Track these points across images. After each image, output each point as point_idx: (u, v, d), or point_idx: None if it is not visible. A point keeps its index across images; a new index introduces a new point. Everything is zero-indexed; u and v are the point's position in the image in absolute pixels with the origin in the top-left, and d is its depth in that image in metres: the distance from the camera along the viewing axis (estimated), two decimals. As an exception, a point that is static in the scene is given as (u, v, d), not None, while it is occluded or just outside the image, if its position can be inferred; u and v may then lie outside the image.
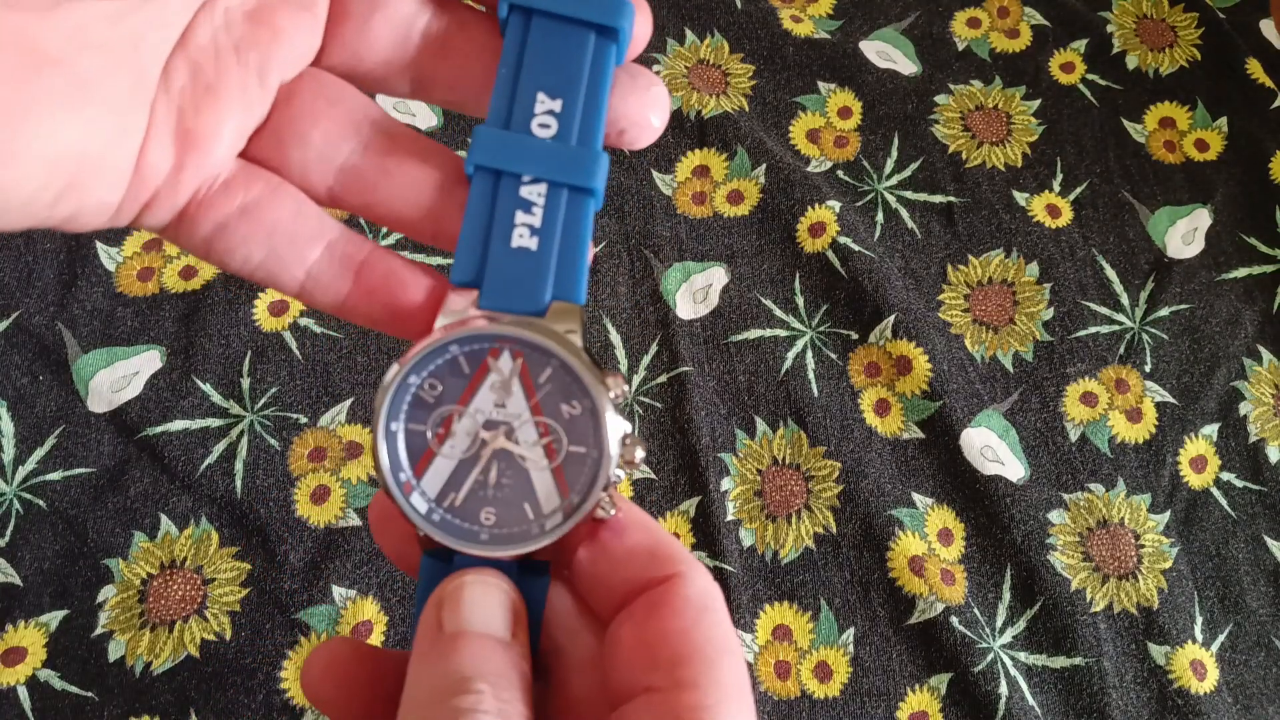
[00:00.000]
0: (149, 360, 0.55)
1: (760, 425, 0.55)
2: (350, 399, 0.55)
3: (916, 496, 0.54)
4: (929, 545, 0.52)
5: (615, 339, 0.57)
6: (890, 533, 0.52)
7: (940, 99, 0.66)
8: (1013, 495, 0.54)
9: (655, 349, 0.57)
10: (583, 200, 0.22)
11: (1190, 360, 0.58)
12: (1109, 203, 0.63)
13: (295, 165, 0.22)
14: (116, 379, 0.54)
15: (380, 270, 0.22)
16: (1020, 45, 0.68)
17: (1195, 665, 0.51)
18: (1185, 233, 0.62)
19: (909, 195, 0.62)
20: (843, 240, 0.59)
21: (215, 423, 0.53)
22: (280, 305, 0.57)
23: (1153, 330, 0.59)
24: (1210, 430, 0.57)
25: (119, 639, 0.49)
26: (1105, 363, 0.58)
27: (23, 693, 0.47)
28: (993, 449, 0.55)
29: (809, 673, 0.50)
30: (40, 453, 0.52)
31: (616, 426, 0.21)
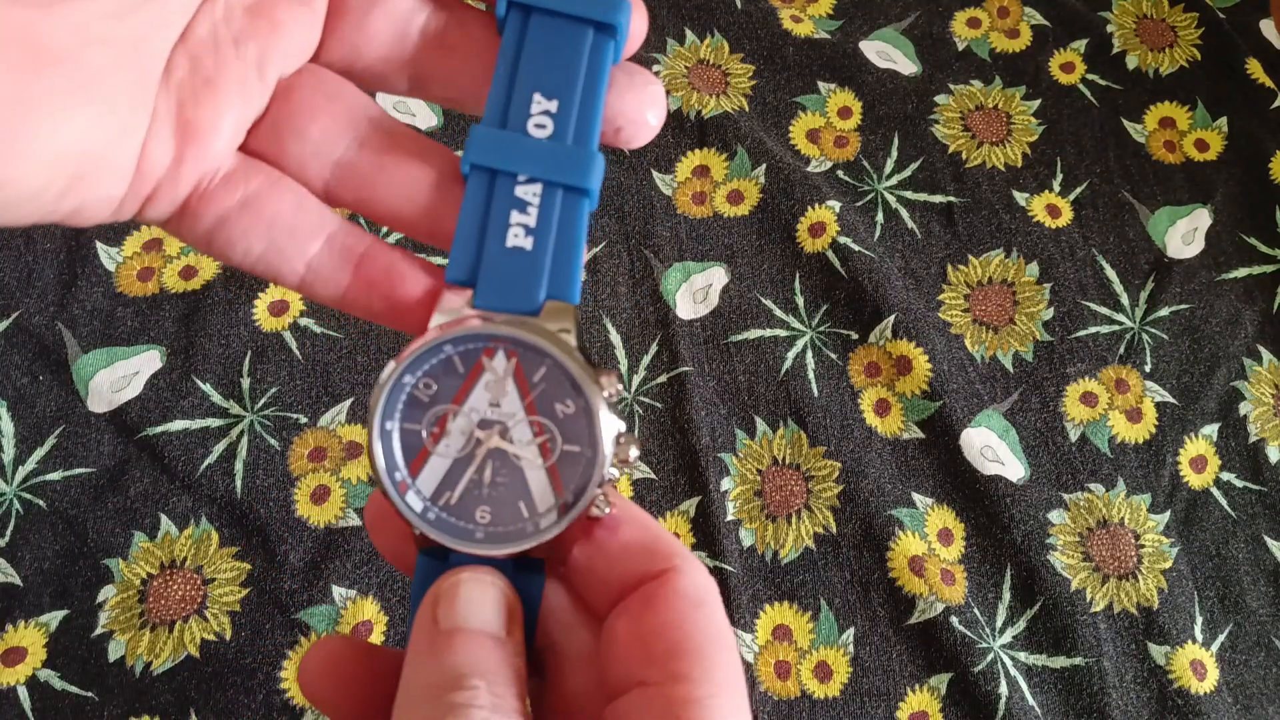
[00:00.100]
0: (149, 360, 0.55)
1: (760, 425, 0.55)
2: (350, 399, 0.55)
3: (916, 496, 0.54)
4: (929, 545, 0.52)
5: (615, 339, 0.57)
6: (890, 533, 0.52)
7: (940, 99, 0.66)
8: (1013, 495, 0.54)
9: (655, 349, 0.57)
10: (578, 200, 0.22)
11: (1190, 360, 0.58)
12: (1109, 203, 0.63)
13: (292, 160, 0.22)
14: (116, 379, 0.54)
15: (381, 263, 0.23)
16: (1020, 45, 0.68)
17: (1195, 665, 0.51)
18: (1185, 233, 0.62)
19: (909, 195, 0.62)
20: (843, 240, 0.59)
21: (215, 423, 0.53)
22: (280, 305, 0.57)
23: (1153, 330, 0.59)
24: (1210, 430, 0.57)
25: (119, 639, 0.49)
26: (1105, 363, 0.58)
27: (23, 693, 0.47)
28: (993, 449, 0.55)
29: (809, 673, 0.50)
30: (40, 453, 0.52)
31: (610, 425, 0.21)
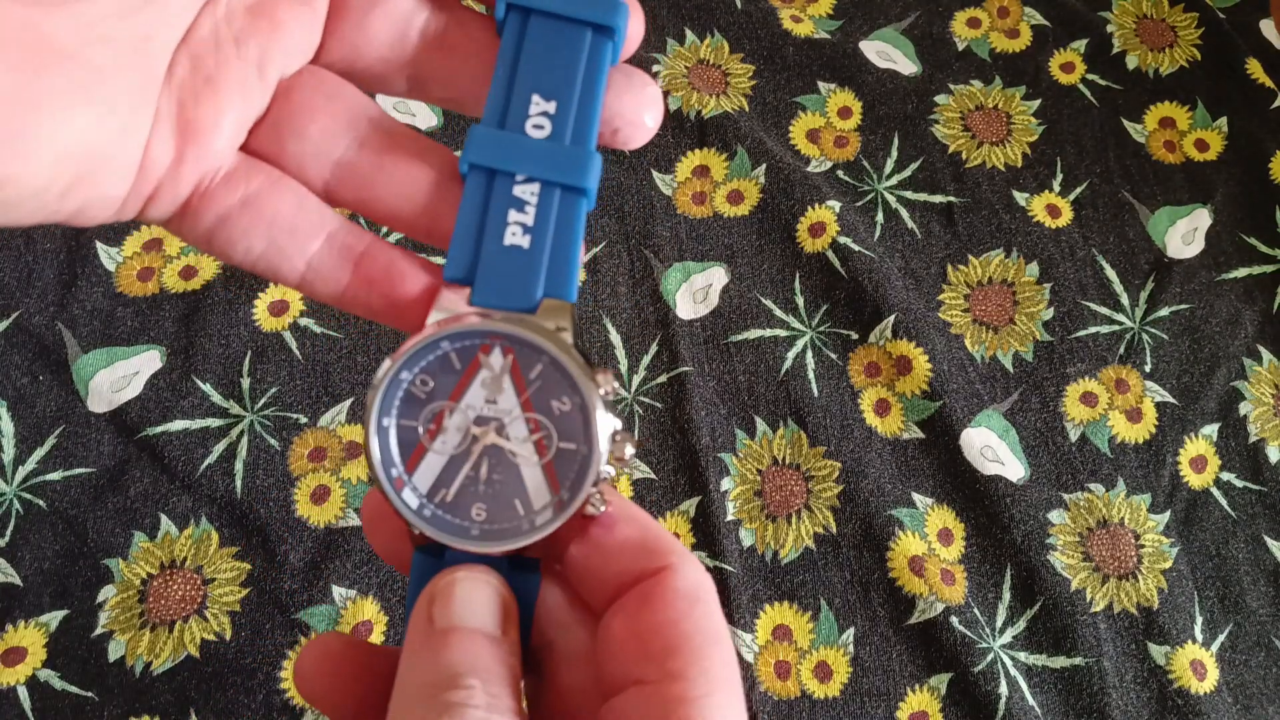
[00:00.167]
0: (149, 360, 0.55)
1: (760, 425, 0.55)
2: (350, 399, 0.55)
3: (916, 496, 0.54)
4: (929, 545, 0.52)
5: (615, 339, 0.57)
6: (890, 533, 0.52)
7: (940, 99, 0.66)
8: (1013, 495, 0.53)
9: (655, 349, 0.57)
10: (575, 200, 0.22)
11: (1190, 360, 0.58)
12: (1109, 203, 0.62)
13: (293, 159, 0.23)
14: (116, 379, 0.54)
15: (380, 262, 0.23)
16: (1020, 45, 0.68)
17: (1195, 665, 0.51)
18: (1185, 233, 0.62)
19: (909, 195, 0.62)
20: (843, 240, 0.59)
21: (215, 423, 0.54)
22: (280, 305, 0.57)
23: (1153, 330, 0.59)
24: (1210, 430, 0.56)
25: (119, 639, 0.49)
26: (1105, 363, 0.58)
27: (23, 693, 0.47)
28: (993, 449, 0.55)
29: (809, 673, 0.50)
30: (40, 453, 0.52)
31: (606, 423, 0.21)
